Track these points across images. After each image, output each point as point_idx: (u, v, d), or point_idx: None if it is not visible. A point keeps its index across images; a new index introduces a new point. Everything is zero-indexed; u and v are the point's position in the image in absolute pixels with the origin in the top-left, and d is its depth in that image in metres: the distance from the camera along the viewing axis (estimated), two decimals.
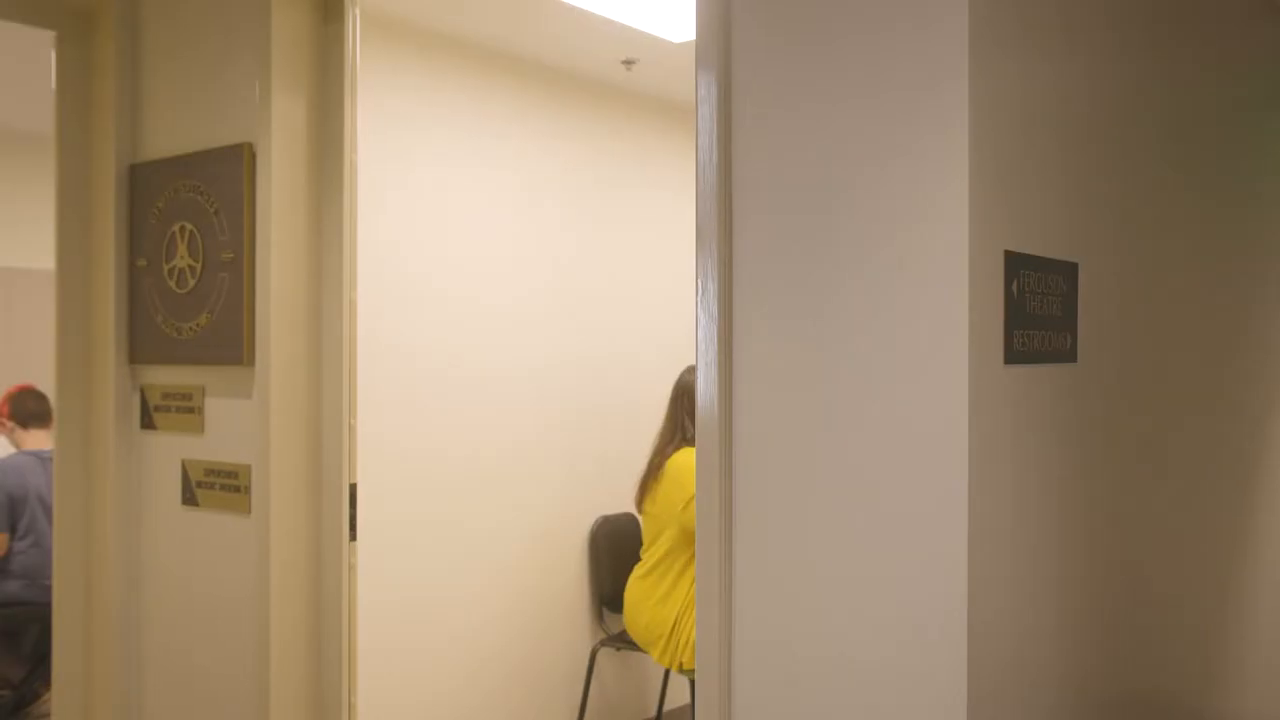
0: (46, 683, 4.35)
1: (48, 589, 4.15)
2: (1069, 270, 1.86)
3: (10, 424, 4.38)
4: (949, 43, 1.59)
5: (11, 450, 4.45)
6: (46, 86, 4.34)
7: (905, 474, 1.63)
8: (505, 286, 3.76)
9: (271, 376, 2.49)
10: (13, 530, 4.16)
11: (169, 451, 2.74)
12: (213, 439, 2.65)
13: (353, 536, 2.60)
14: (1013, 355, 1.70)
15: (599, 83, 4.07)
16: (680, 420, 3.62)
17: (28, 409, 4.38)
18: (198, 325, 2.63)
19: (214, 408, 2.65)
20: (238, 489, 2.57)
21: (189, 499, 2.69)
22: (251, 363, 2.53)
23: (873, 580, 1.66)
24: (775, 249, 1.77)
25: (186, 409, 2.69)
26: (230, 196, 2.55)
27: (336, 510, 2.58)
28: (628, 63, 3.81)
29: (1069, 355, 1.87)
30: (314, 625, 2.58)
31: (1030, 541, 1.74)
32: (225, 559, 2.60)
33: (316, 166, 2.59)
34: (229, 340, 2.56)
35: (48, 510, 4.19)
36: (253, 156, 2.53)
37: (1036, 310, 1.77)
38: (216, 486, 2.62)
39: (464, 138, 3.62)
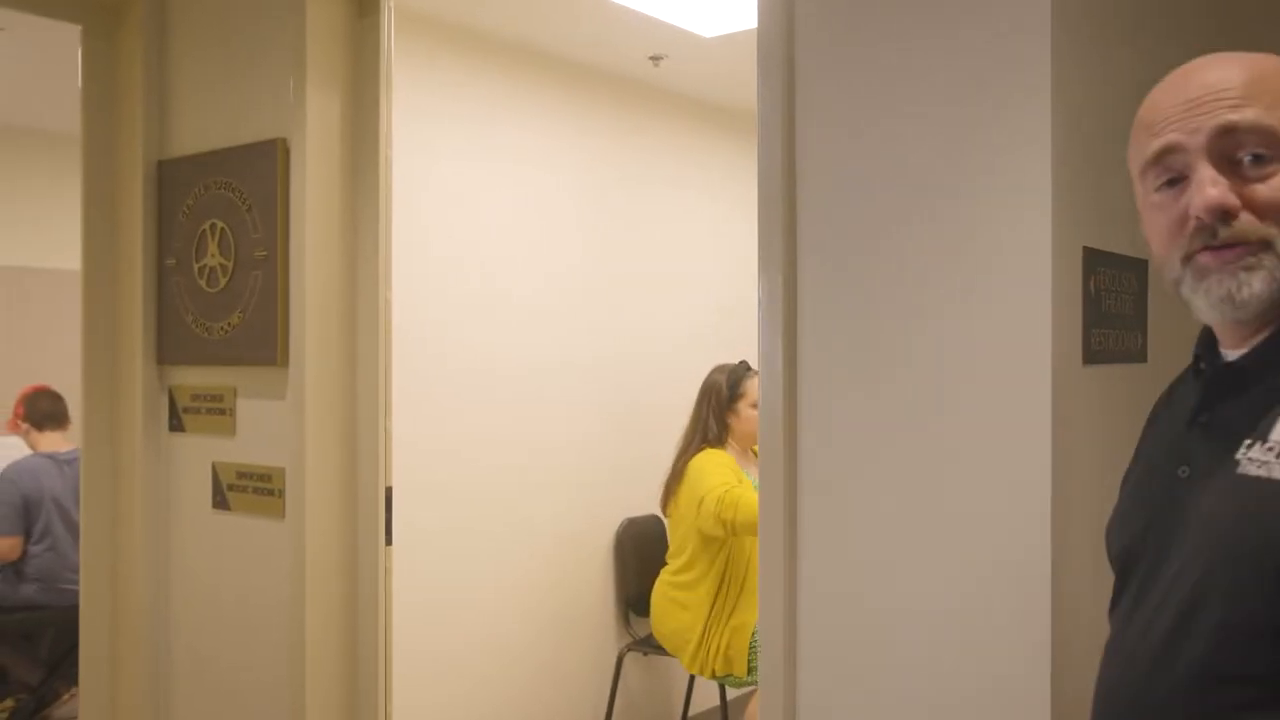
0: (67, 684, 4.30)
1: (64, 592, 4.11)
2: (1140, 268, 1.81)
3: (25, 425, 4.31)
4: (1031, 39, 1.54)
5: (26, 452, 4.38)
6: (51, 83, 4.30)
7: (987, 475, 1.57)
8: (530, 286, 3.70)
9: (306, 377, 2.44)
10: (28, 534, 4.10)
11: (199, 454, 2.68)
12: (245, 441, 2.59)
13: (388, 541, 2.54)
14: (1091, 355, 1.65)
15: (625, 79, 4.01)
16: (704, 420, 3.56)
17: (42, 410, 4.32)
18: (229, 325, 2.58)
19: (246, 409, 2.59)
20: (271, 492, 2.51)
21: (220, 503, 2.63)
22: (285, 363, 2.48)
23: (955, 580, 1.61)
24: (847, 248, 1.71)
25: (217, 410, 2.63)
26: (263, 193, 2.49)
27: (372, 514, 2.52)
28: (655, 59, 3.75)
29: (1139, 355, 1.82)
30: (349, 632, 2.52)
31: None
32: (258, 564, 2.54)
33: (350, 162, 2.53)
34: (262, 340, 2.51)
35: (64, 513, 4.13)
36: (286, 152, 2.47)
37: (1111, 309, 1.72)
38: (249, 490, 2.56)
39: (487, 134, 3.56)
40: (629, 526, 4.04)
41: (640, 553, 4.03)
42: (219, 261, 2.60)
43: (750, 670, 3.34)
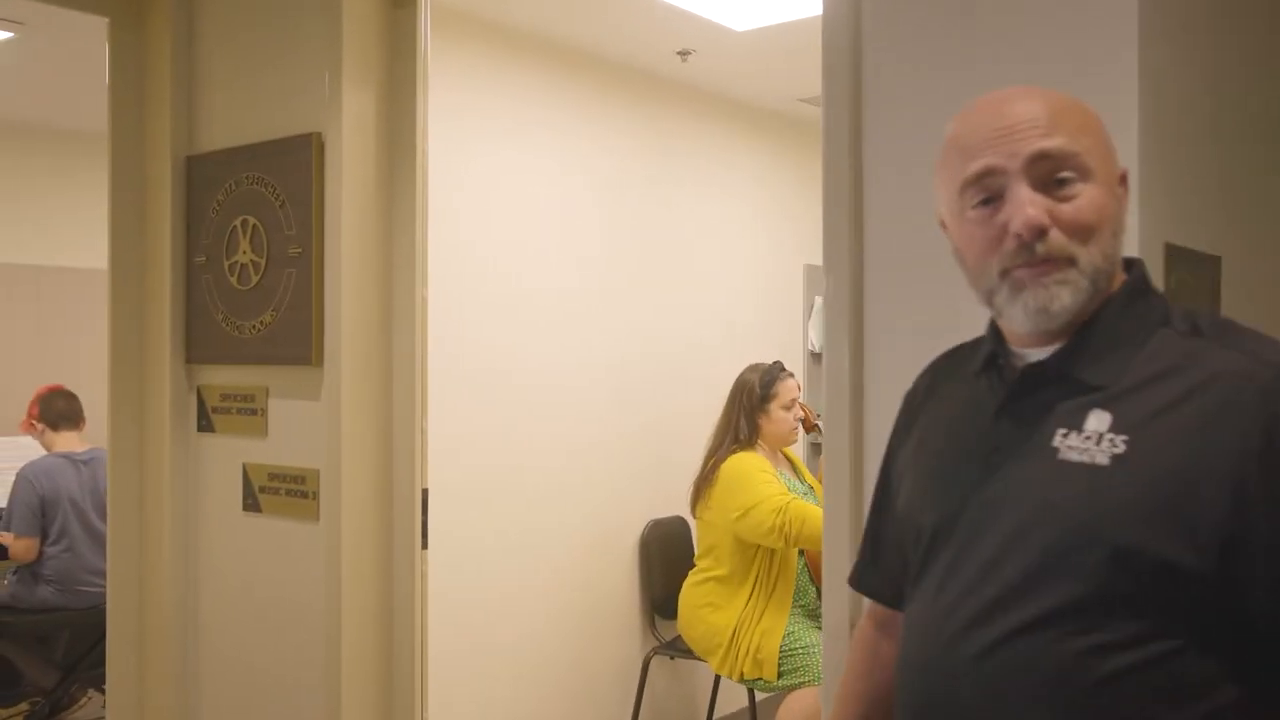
0: (83, 688, 4.25)
1: (80, 594, 4.05)
2: (1214, 264, 1.76)
3: (41, 426, 4.25)
4: (1119, 24, 1.49)
5: (40, 452, 4.33)
6: (64, 81, 4.24)
7: None
8: (554, 286, 3.65)
9: (343, 377, 2.38)
10: (44, 535, 4.04)
11: (229, 455, 2.63)
12: (277, 442, 2.54)
13: (424, 544, 2.49)
14: None
15: (651, 74, 3.95)
16: (735, 421, 3.51)
17: (58, 410, 4.26)
18: (261, 323, 2.52)
19: (278, 409, 2.54)
20: (305, 494, 2.46)
21: (251, 505, 2.57)
22: (320, 363, 2.42)
23: None
24: (918, 247, 1.66)
25: (248, 410, 2.58)
26: (297, 189, 2.44)
27: (408, 517, 2.47)
28: (683, 53, 3.69)
29: None
30: (384, 637, 2.47)
31: None
32: (292, 568, 2.49)
33: (386, 158, 2.48)
34: (296, 339, 2.45)
35: (81, 514, 4.08)
36: (321, 146, 2.41)
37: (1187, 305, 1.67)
38: (281, 492, 2.51)
39: (509, 131, 3.50)
40: (654, 528, 3.99)
41: (666, 555, 3.98)
42: (251, 258, 2.54)
43: (781, 675, 3.29)
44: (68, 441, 4.22)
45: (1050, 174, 1.09)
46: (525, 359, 3.53)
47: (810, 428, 3.65)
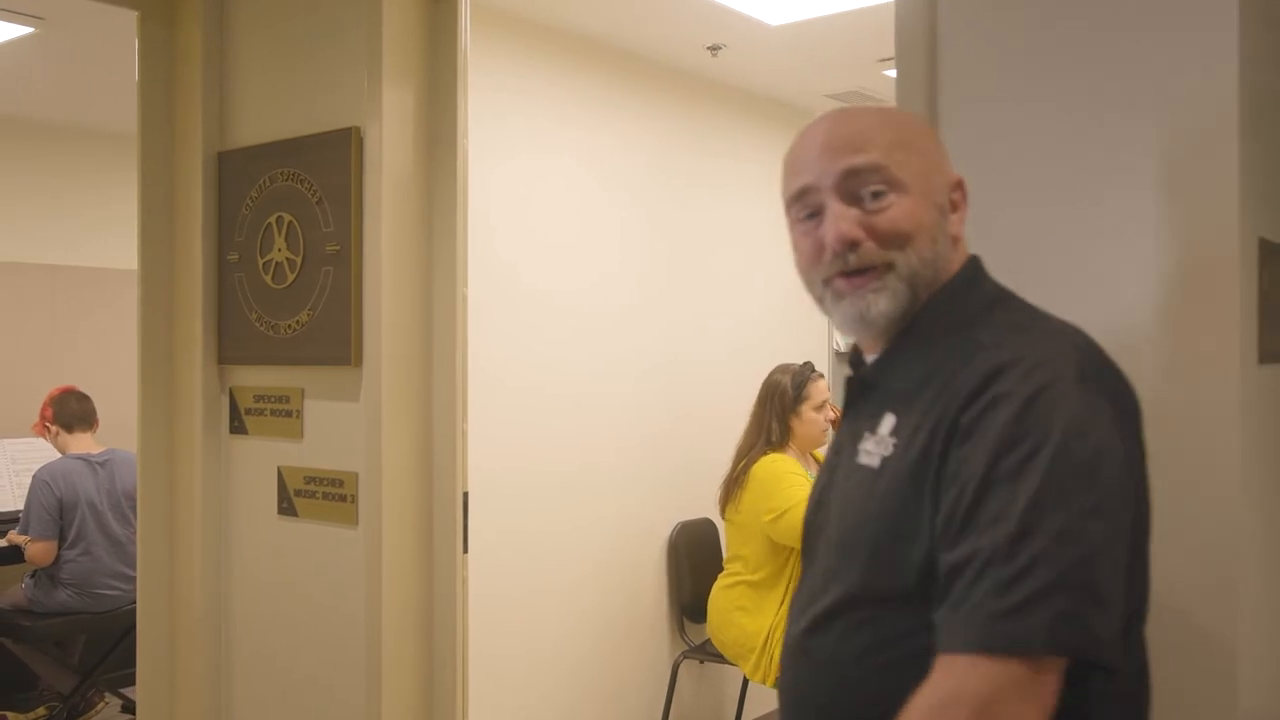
0: (100, 692, 4.19)
1: (98, 598, 4.00)
2: None
3: (55, 428, 4.19)
4: (1216, 23, 1.43)
5: (51, 453, 4.27)
6: (84, 78, 4.18)
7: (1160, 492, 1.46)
8: (585, 287, 3.59)
9: (383, 377, 2.32)
10: (62, 538, 3.98)
11: (263, 457, 2.57)
12: (313, 444, 2.48)
13: (464, 548, 2.43)
14: (1265, 354, 1.54)
15: (679, 70, 3.89)
16: (766, 422, 3.46)
17: (72, 411, 4.21)
18: (297, 323, 2.46)
19: (314, 411, 2.48)
20: (343, 498, 2.40)
21: (286, 509, 2.51)
22: (359, 363, 2.36)
23: None
24: (999, 239, 1.60)
25: (283, 412, 2.52)
26: (336, 185, 2.38)
27: (449, 520, 2.41)
28: (713, 48, 3.63)
29: None
30: (424, 644, 2.41)
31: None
32: (329, 573, 2.43)
33: (425, 153, 2.42)
34: (334, 339, 2.39)
35: (98, 516, 4.02)
36: (360, 141, 2.35)
37: (1278, 303, 1.61)
38: (318, 495, 2.45)
39: (538, 128, 3.44)
40: (682, 531, 3.93)
41: (694, 558, 3.93)
42: (286, 256, 2.48)
43: None
44: (82, 443, 4.17)
45: (861, 187, 1.16)
46: (551, 360, 3.48)
47: (838, 426, 3.61)
